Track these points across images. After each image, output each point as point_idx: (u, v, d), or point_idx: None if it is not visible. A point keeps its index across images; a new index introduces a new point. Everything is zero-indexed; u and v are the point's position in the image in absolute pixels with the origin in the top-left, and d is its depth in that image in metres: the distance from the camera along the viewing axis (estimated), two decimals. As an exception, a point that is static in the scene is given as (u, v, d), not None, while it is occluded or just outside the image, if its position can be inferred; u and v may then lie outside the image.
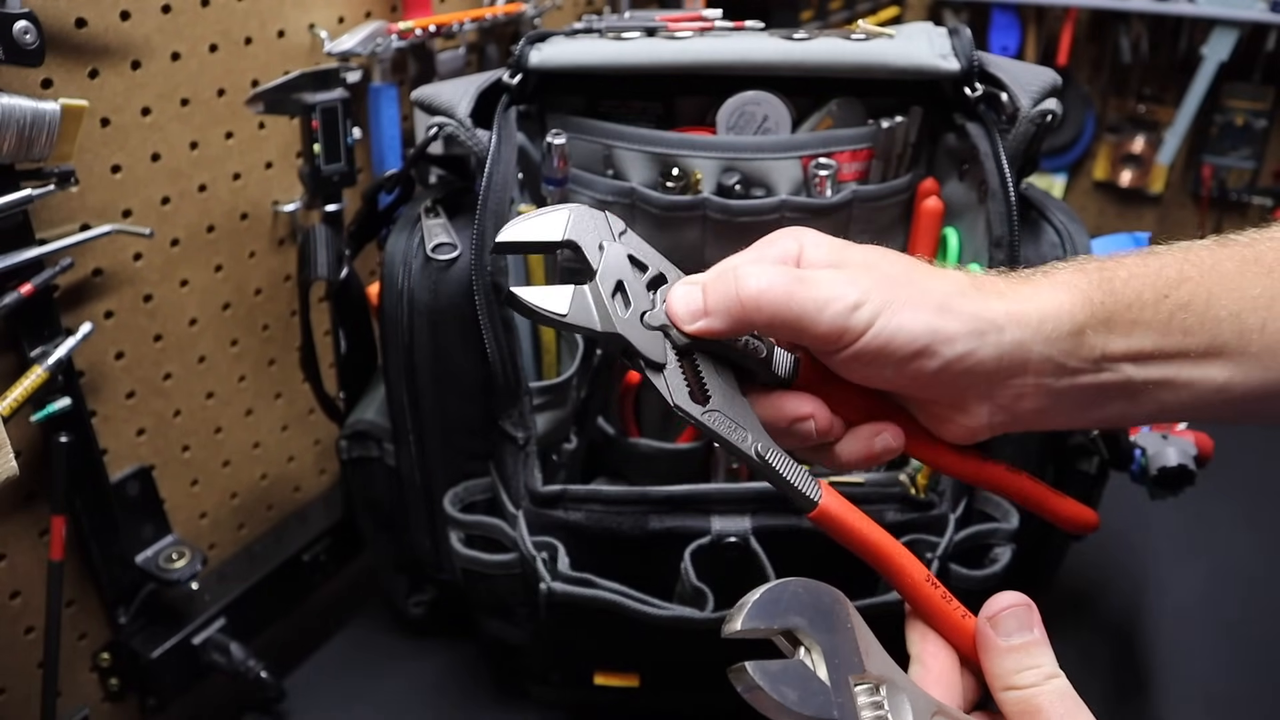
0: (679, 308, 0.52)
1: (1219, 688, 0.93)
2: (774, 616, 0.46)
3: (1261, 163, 1.62)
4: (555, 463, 0.86)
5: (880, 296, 0.50)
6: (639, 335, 0.52)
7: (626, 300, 0.53)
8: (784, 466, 0.52)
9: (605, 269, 0.53)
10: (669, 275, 0.54)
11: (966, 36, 0.83)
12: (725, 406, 0.53)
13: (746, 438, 0.53)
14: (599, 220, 0.54)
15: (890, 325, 0.50)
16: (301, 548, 1.02)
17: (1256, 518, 1.14)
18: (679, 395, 0.52)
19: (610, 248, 0.53)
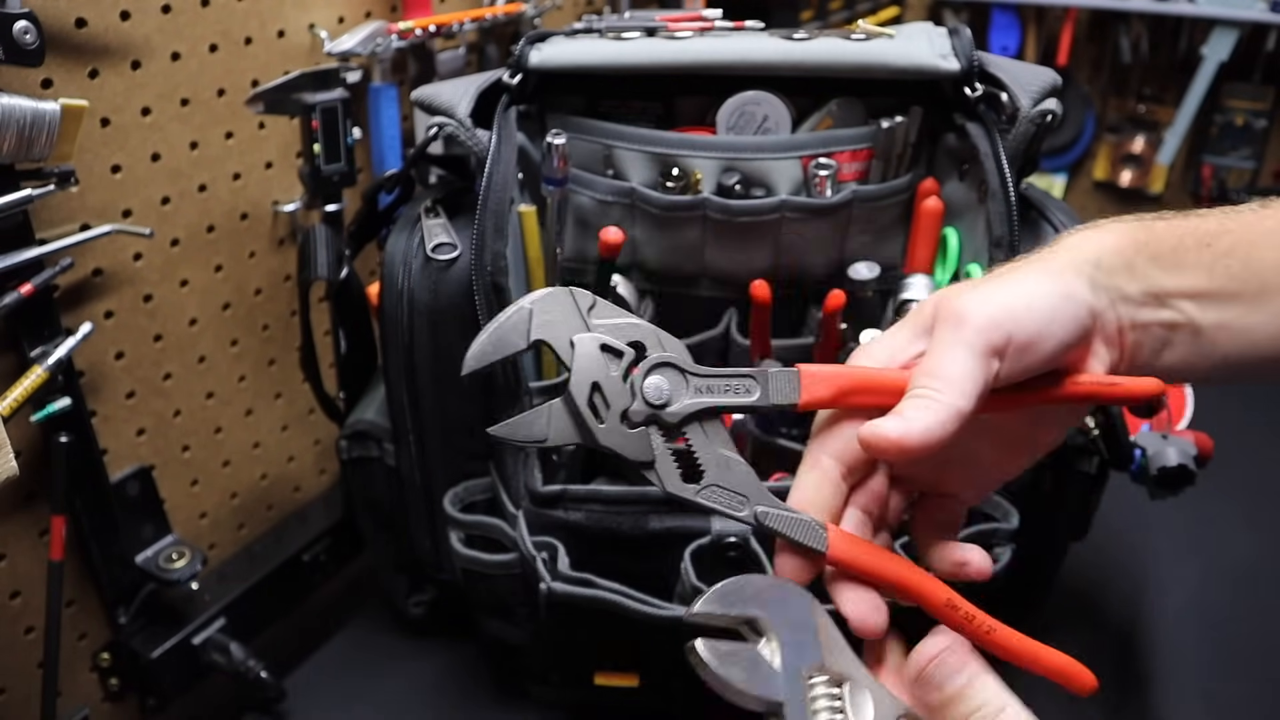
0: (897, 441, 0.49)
1: (1219, 687, 0.93)
2: (735, 604, 0.47)
3: (1261, 163, 1.62)
4: (555, 463, 0.86)
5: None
6: (622, 441, 0.52)
7: (605, 401, 0.52)
8: (784, 525, 0.52)
9: (578, 372, 0.52)
10: (648, 344, 0.53)
11: (966, 36, 0.83)
12: (720, 476, 0.53)
13: (744, 505, 0.53)
14: (564, 304, 0.53)
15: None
16: (301, 548, 1.02)
17: (1256, 518, 1.14)
18: (671, 483, 0.52)
19: (581, 342, 0.52)
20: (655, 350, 0.53)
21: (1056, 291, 0.52)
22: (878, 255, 0.90)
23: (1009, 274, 0.54)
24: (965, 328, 0.51)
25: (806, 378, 0.53)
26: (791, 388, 0.53)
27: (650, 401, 0.52)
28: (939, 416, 0.49)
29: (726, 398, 0.53)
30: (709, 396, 0.53)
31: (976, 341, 0.50)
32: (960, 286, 0.54)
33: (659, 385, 0.53)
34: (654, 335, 0.53)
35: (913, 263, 0.90)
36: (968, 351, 0.50)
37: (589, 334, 0.52)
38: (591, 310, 0.53)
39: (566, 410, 0.52)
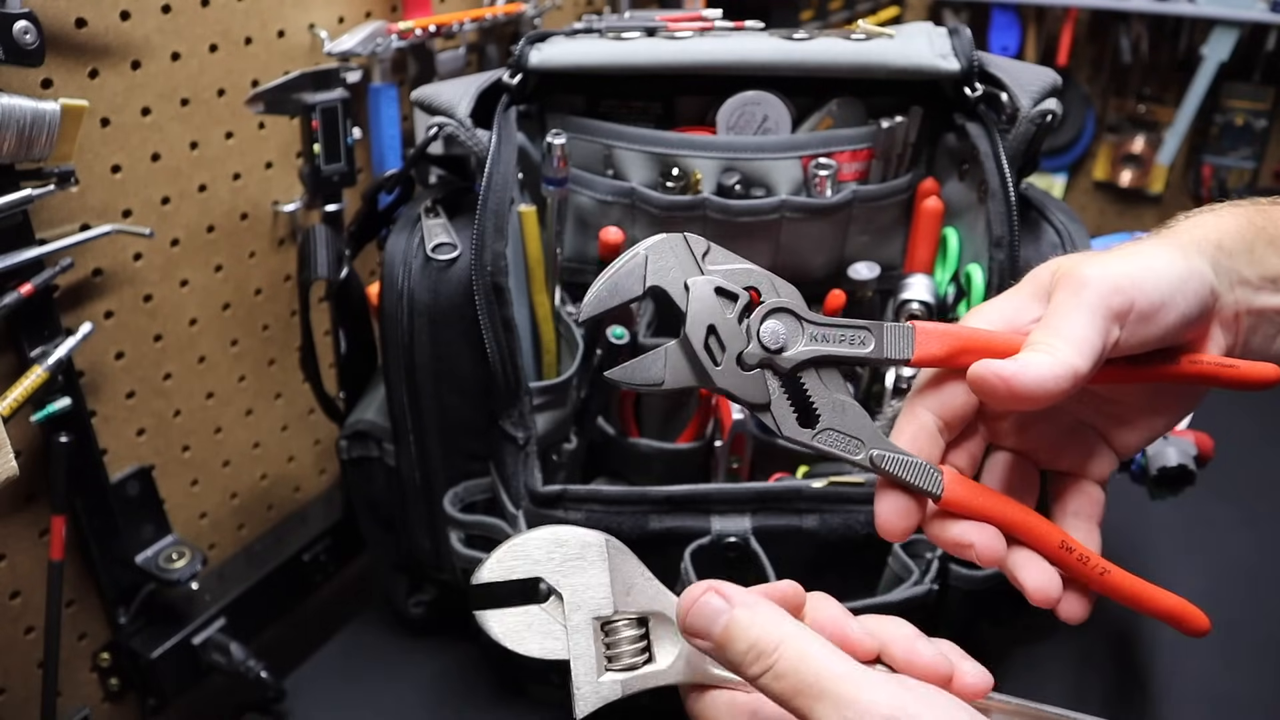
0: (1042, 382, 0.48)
1: (1219, 687, 0.93)
2: (515, 568, 0.47)
3: (1261, 163, 1.62)
4: (555, 463, 0.86)
5: None
6: (738, 383, 0.52)
7: (721, 344, 0.52)
8: (900, 468, 0.52)
9: (694, 315, 0.52)
10: (762, 289, 0.52)
11: (966, 36, 0.83)
12: (835, 420, 0.53)
13: (860, 449, 0.52)
14: (679, 250, 0.52)
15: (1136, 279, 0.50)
16: (301, 548, 1.02)
17: (1256, 518, 1.14)
18: (787, 427, 0.52)
19: (695, 285, 0.52)
20: (770, 295, 0.52)
21: (1181, 266, 0.51)
22: (878, 255, 0.90)
23: (1130, 248, 0.53)
24: (1087, 290, 0.49)
25: (921, 334, 0.52)
26: (906, 343, 0.52)
27: (766, 345, 0.52)
28: (1054, 371, 0.48)
29: (841, 347, 0.52)
30: (824, 345, 0.52)
31: (1098, 304, 0.49)
32: (1080, 255, 0.53)
33: (775, 330, 0.52)
34: (768, 280, 0.53)
35: (912, 263, 0.90)
36: (1089, 313, 0.49)
37: (703, 277, 0.52)
38: (706, 256, 0.53)
39: (683, 353, 0.52)
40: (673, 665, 0.47)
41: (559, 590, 0.47)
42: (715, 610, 0.46)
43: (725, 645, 0.45)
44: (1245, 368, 0.54)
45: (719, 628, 0.46)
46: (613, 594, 0.47)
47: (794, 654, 0.44)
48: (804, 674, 0.43)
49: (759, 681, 0.45)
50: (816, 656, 0.44)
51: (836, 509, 0.76)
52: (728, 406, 0.86)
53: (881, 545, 0.76)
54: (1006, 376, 0.47)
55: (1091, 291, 0.49)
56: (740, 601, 0.46)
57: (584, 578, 0.47)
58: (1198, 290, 0.51)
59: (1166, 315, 0.51)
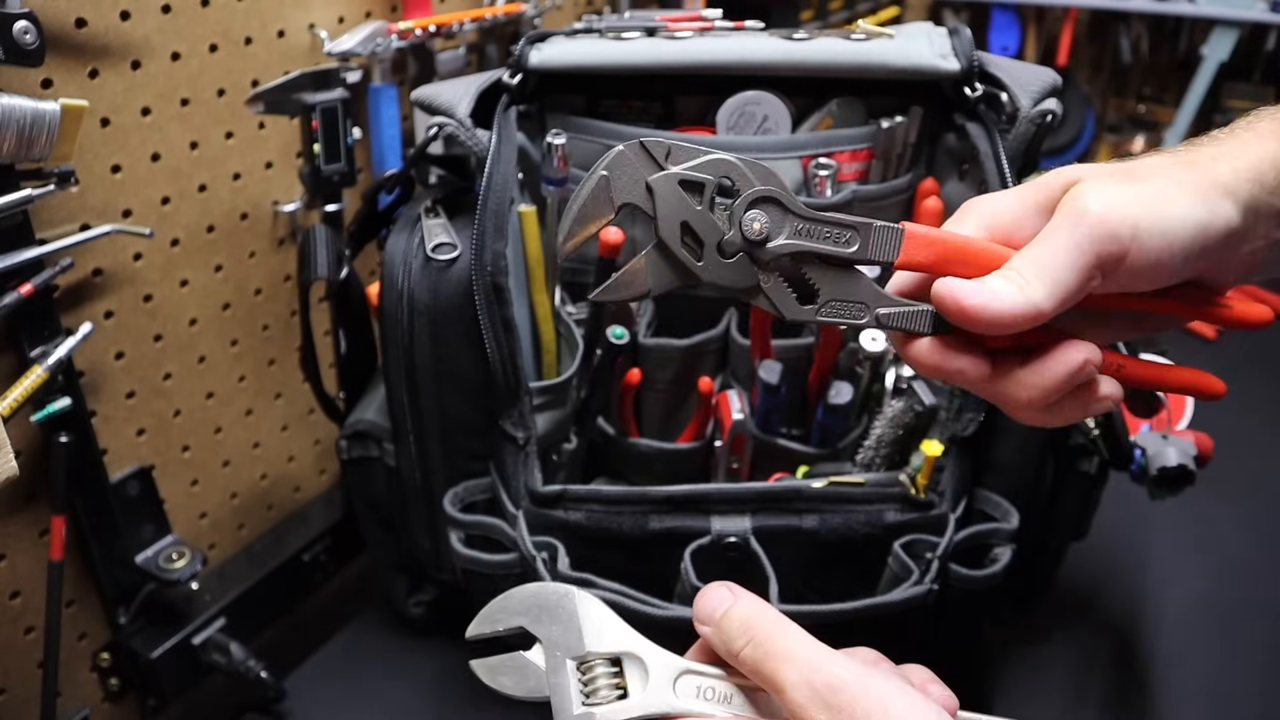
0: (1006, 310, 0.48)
1: (1219, 687, 0.93)
2: (500, 620, 0.53)
3: (1261, 163, 1.61)
4: (555, 463, 0.86)
5: None
6: (725, 273, 0.51)
7: (698, 239, 0.51)
8: (905, 320, 0.52)
9: (663, 216, 0.51)
10: (736, 177, 0.51)
11: (966, 36, 0.83)
12: (835, 290, 0.52)
13: (864, 313, 0.52)
14: (640, 158, 0.52)
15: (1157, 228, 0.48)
16: (301, 548, 1.02)
17: (1256, 518, 1.14)
18: (788, 308, 0.52)
19: (657, 183, 0.51)
20: (746, 183, 0.51)
21: (1198, 219, 0.48)
22: (878, 255, 0.90)
23: (1154, 175, 0.50)
24: (1082, 227, 0.48)
25: (910, 239, 0.51)
26: (892, 246, 0.52)
27: (747, 235, 0.51)
28: (1016, 306, 0.48)
29: (825, 244, 0.51)
30: (807, 240, 0.51)
31: (1089, 249, 0.48)
32: (1099, 175, 0.50)
33: (758, 218, 0.51)
34: (740, 166, 0.51)
35: (913, 263, 0.89)
36: (1075, 254, 0.48)
37: (664, 173, 0.51)
38: (669, 157, 0.52)
39: (662, 256, 0.52)
40: (644, 699, 0.51)
41: (538, 637, 0.52)
42: (720, 599, 0.51)
43: (721, 626, 0.50)
44: (1238, 309, 0.53)
45: (720, 613, 0.50)
46: (585, 637, 0.52)
47: (773, 629, 0.49)
48: (777, 641, 0.48)
49: (741, 655, 0.49)
50: (792, 633, 0.49)
51: (836, 509, 0.76)
52: (728, 406, 0.86)
53: (881, 545, 0.76)
54: (965, 305, 0.48)
55: (1086, 230, 0.48)
56: (742, 595, 0.51)
57: (560, 624, 0.52)
58: (1205, 246, 0.49)
59: (1159, 272, 0.49)
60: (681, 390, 0.91)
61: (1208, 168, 0.50)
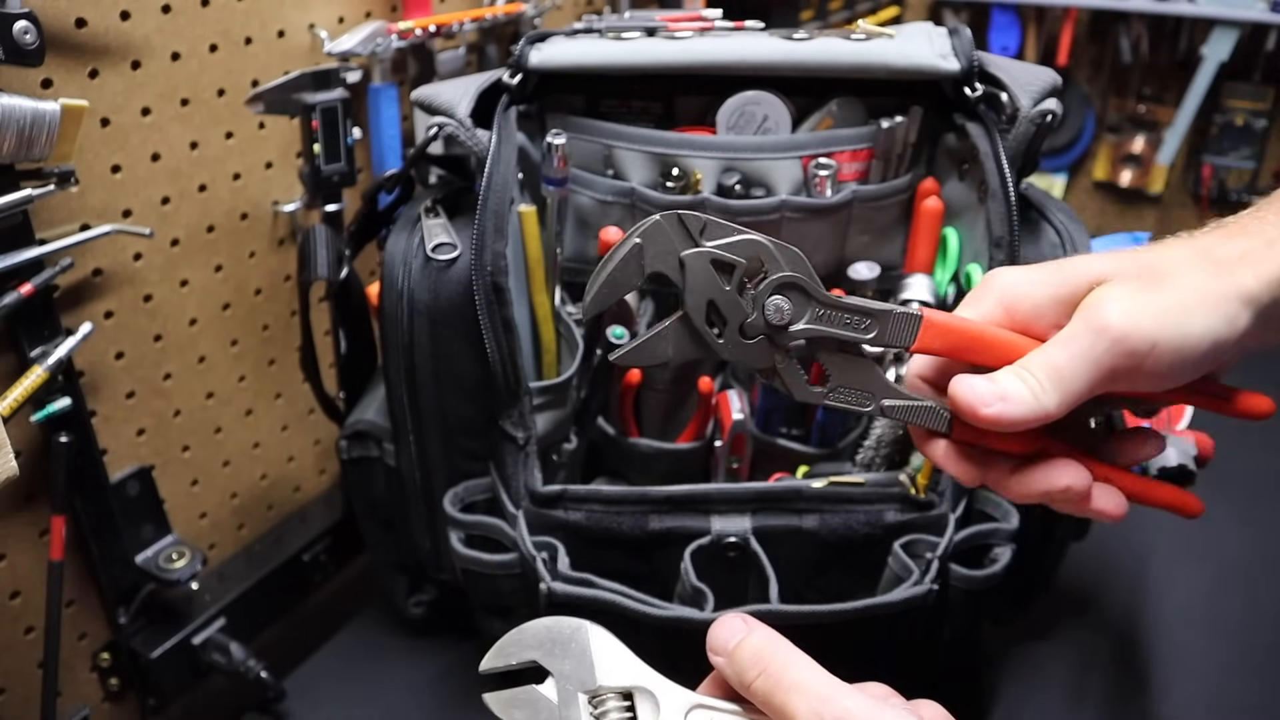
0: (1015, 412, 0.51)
1: (1219, 687, 0.93)
2: (513, 654, 0.53)
3: (1261, 163, 1.62)
4: (555, 463, 0.86)
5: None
6: (743, 353, 0.53)
7: (722, 317, 0.53)
8: (909, 414, 0.54)
9: (692, 292, 0.52)
10: (765, 259, 0.52)
11: (966, 36, 0.83)
12: (845, 378, 0.54)
13: (870, 400, 0.54)
14: (675, 230, 0.53)
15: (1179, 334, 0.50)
16: (301, 548, 1.02)
17: (1256, 518, 1.14)
18: (798, 390, 0.54)
19: (690, 260, 0.52)
20: (774, 266, 0.52)
21: (1215, 333, 0.50)
22: (878, 255, 0.90)
23: (1178, 280, 0.51)
24: (1103, 341, 0.50)
25: (927, 327, 0.53)
26: (909, 333, 0.53)
27: (770, 320, 0.52)
28: (1024, 410, 0.50)
29: (843, 330, 0.53)
30: (827, 326, 0.53)
31: (1105, 362, 0.50)
32: (1123, 279, 0.51)
33: (780, 306, 0.52)
34: (770, 249, 0.52)
35: (912, 263, 0.90)
36: (1090, 367, 0.50)
37: (697, 250, 0.52)
38: (703, 233, 0.53)
39: (684, 329, 0.53)
40: None
41: (550, 671, 0.52)
42: (734, 630, 0.51)
43: (734, 657, 0.50)
44: (1242, 402, 0.55)
45: (733, 644, 0.50)
46: (597, 671, 0.52)
47: (785, 661, 0.49)
48: (789, 674, 0.48)
49: (752, 686, 0.49)
50: (804, 665, 0.49)
51: (836, 509, 0.76)
52: (728, 406, 0.86)
53: (881, 545, 0.76)
54: (980, 412, 0.50)
55: (1106, 345, 0.50)
56: (756, 627, 0.51)
57: (572, 658, 0.52)
58: (1218, 354, 0.51)
59: (1167, 380, 0.51)
60: (681, 390, 0.91)
61: (1233, 272, 0.51)
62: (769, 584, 0.73)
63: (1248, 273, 0.51)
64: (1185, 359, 0.50)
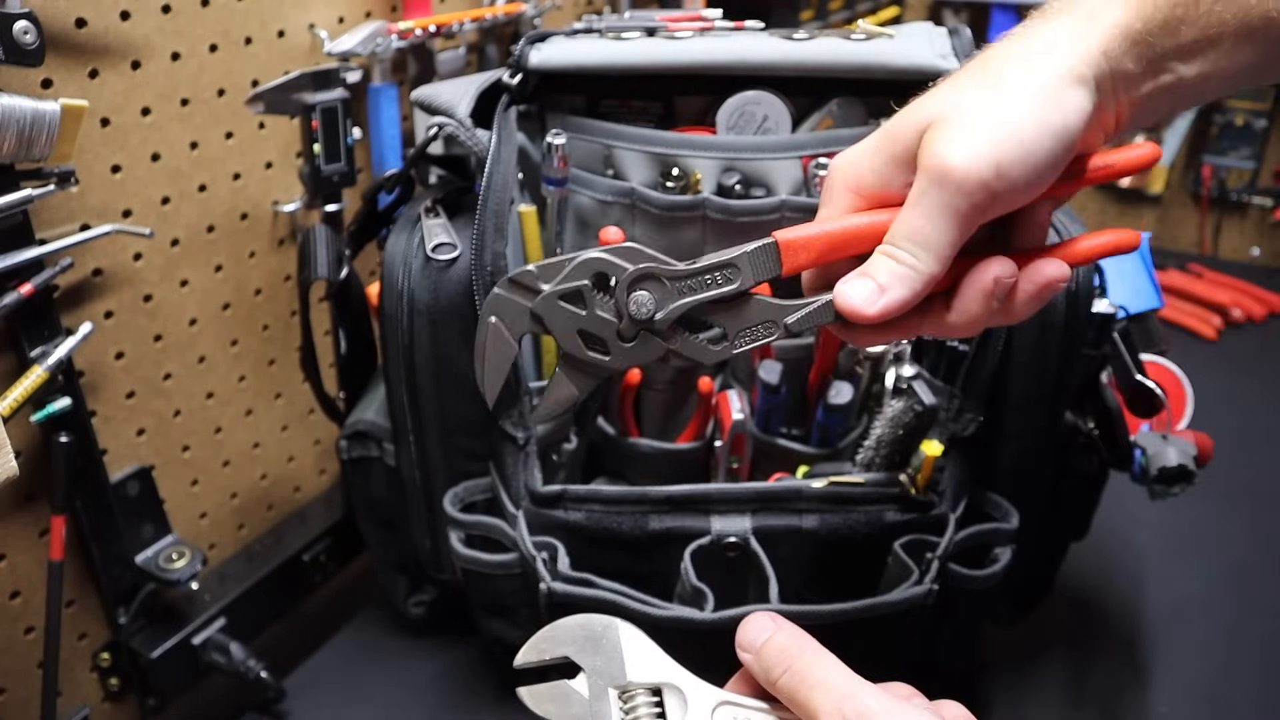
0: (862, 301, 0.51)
1: (1219, 687, 0.93)
2: (546, 650, 0.54)
3: (1261, 163, 1.62)
4: (555, 463, 0.86)
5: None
6: (633, 356, 0.55)
7: (598, 338, 0.55)
8: (813, 317, 0.54)
9: (559, 332, 0.55)
10: (607, 270, 0.54)
11: (966, 36, 0.83)
12: (737, 321, 0.55)
13: (774, 329, 0.55)
14: (514, 293, 0.56)
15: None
16: (301, 548, 1.02)
17: (1255, 518, 1.14)
18: (704, 355, 0.55)
19: (540, 310, 0.55)
20: (618, 270, 0.54)
21: (1051, 126, 0.48)
22: (878, 255, 0.90)
23: (997, 91, 0.49)
24: (949, 188, 0.48)
25: (785, 247, 0.53)
26: (772, 261, 0.53)
27: (637, 318, 0.54)
28: (912, 287, 0.50)
29: (711, 290, 0.54)
30: (693, 295, 0.54)
31: (960, 204, 0.48)
32: (947, 114, 0.50)
33: (641, 300, 0.54)
34: (604, 258, 0.54)
35: (913, 263, 0.89)
36: (951, 216, 0.49)
37: (540, 297, 0.55)
38: (539, 278, 0.55)
39: (573, 367, 0.56)
40: None
41: (582, 666, 0.53)
42: (762, 628, 0.52)
43: (761, 654, 0.51)
44: (1122, 161, 0.53)
45: (761, 641, 0.51)
46: (627, 667, 0.53)
47: (810, 658, 0.50)
48: (814, 671, 0.49)
49: (778, 683, 0.50)
50: (828, 663, 0.50)
51: (836, 509, 0.76)
52: (728, 406, 0.86)
53: (881, 545, 0.76)
54: (866, 313, 0.50)
55: (954, 189, 0.48)
56: (783, 625, 0.52)
57: (603, 655, 0.53)
58: (1069, 142, 0.49)
59: (1032, 189, 0.50)
60: (681, 390, 0.91)
61: (1051, 57, 0.50)
62: (769, 584, 0.73)
63: (1067, 51, 0.49)
64: (1037, 165, 0.49)
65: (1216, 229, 1.68)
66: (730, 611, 0.70)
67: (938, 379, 0.82)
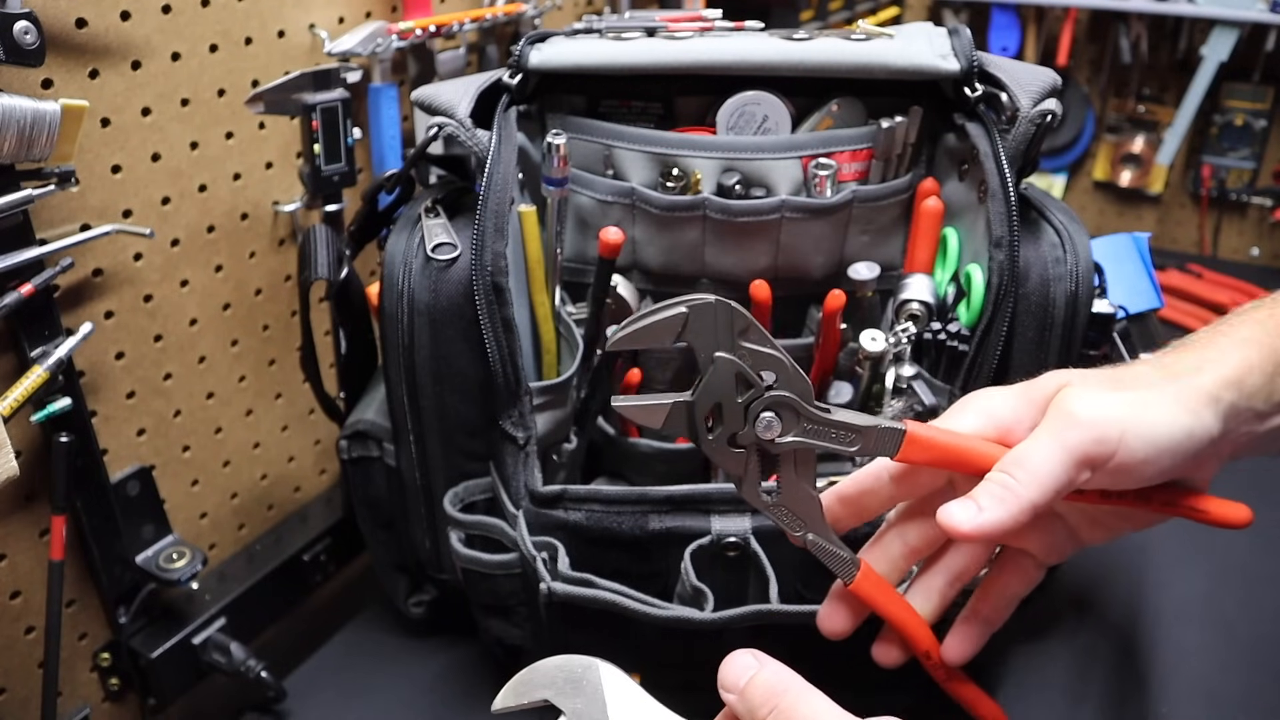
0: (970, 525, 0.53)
1: (1219, 687, 0.93)
2: (525, 693, 0.54)
3: (1261, 163, 1.62)
4: (555, 463, 0.86)
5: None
6: (723, 457, 0.57)
7: (721, 419, 0.56)
8: (824, 556, 0.60)
9: (707, 389, 0.56)
10: (777, 372, 0.56)
11: (966, 36, 0.83)
12: (789, 500, 0.58)
13: (801, 528, 0.59)
14: (721, 318, 0.56)
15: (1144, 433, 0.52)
16: (301, 548, 1.02)
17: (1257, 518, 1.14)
18: (750, 495, 0.58)
19: (719, 364, 0.55)
20: (782, 383, 0.56)
21: (1183, 425, 0.52)
22: (877, 255, 0.90)
23: (1140, 384, 0.53)
24: (1072, 429, 0.51)
25: (910, 441, 0.55)
26: (892, 445, 0.56)
27: (759, 434, 0.56)
28: (1009, 511, 0.51)
29: (828, 442, 0.57)
30: (813, 439, 0.57)
31: (1076, 448, 0.51)
32: (1088, 382, 0.54)
33: (771, 422, 0.56)
34: (788, 365, 0.56)
35: (912, 263, 0.90)
36: (1063, 453, 0.51)
37: (728, 356, 0.56)
38: (743, 334, 0.56)
39: (684, 414, 0.57)
40: None
41: (563, 710, 0.53)
42: (745, 666, 0.52)
43: (745, 694, 0.51)
44: (1215, 510, 0.56)
45: (744, 681, 0.51)
46: (609, 710, 0.53)
47: (796, 697, 0.50)
48: (800, 709, 0.49)
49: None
50: (815, 701, 0.50)
51: (836, 509, 0.76)
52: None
53: (881, 545, 0.76)
54: (964, 530, 0.52)
55: (1075, 432, 0.51)
56: (766, 662, 0.52)
57: (584, 697, 0.53)
58: (1190, 450, 0.52)
59: (1146, 472, 0.52)
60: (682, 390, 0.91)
61: (1192, 379, 0.53)
62: (769, 584, 0.73)
63: (1205, 378, 0.53)
64: (1158, 448, 0.52)
65: (1216, 229, 1.69)
66: (730, 611, 0.70)
67: (938, 379, 0.82)
